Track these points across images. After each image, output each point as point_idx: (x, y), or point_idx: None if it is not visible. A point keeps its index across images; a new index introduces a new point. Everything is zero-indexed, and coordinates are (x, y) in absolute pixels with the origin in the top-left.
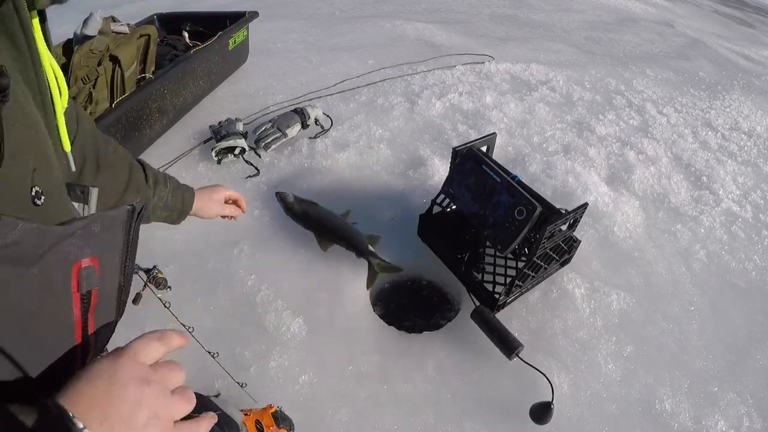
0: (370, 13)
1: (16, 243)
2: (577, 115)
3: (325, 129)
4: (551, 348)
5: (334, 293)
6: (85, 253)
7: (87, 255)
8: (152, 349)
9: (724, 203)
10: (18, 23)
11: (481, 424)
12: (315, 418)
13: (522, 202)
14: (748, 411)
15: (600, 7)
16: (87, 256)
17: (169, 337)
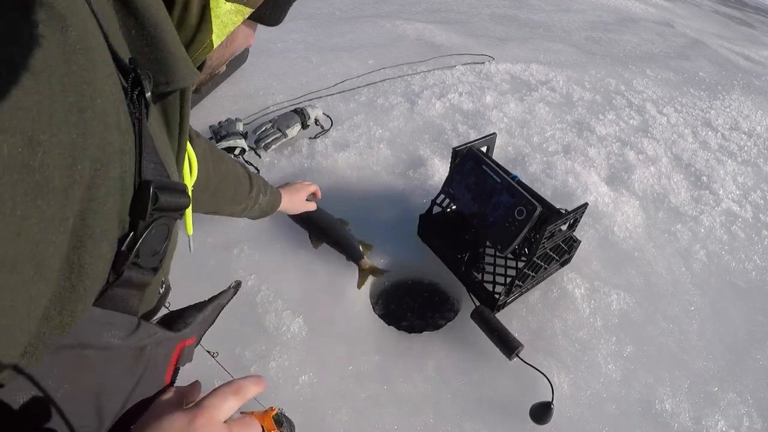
0: (370, 13)
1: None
2: (577, 115)
3: (325, 129)
4: (551, 348)
5: (334, 293)
6: (190, 335)
7: (192, 335)
8: (228, 405)
9: (724, 203)
10: (178, 114)
11: (481, 424)
12: (315, 418)
13: (522, 202)
14: (748, 411)
15: (600, 7)
16: (191, 336)
17: (245, 389)
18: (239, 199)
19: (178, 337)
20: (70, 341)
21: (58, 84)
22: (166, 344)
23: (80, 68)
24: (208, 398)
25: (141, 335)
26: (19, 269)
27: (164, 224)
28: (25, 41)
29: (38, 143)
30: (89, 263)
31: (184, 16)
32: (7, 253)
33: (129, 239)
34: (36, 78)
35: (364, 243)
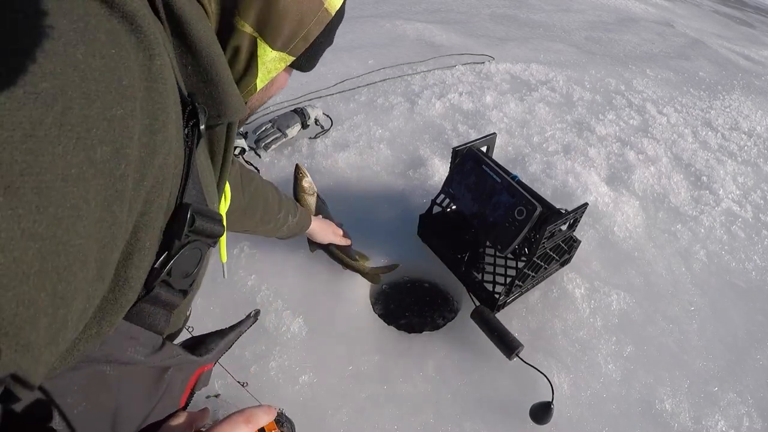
0: (370, 13)
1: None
2: (577, 115)
3: (325, 129)
4: (551, 348)
5: (334, 293)
6: (211, 360)
7: (209, 362)
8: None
9: (724, 203)
10: (223, 146)
11: (481, 424)
12: (315, 418)
13: (522, 202)
14: (748, 411)
15: (600, 7)
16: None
17: (256, 418)
18: (267, 219)
19: (199, 363)
20: (97, 354)
21: (139, 106)
22: (186, 369)
23: (158, 95)
24: (220, 426)
25: (164, 355)
26: (88, 266)
27: (198, 248)
28: (117, 64)
29: (123, 155)
30: (133, 277)
31: (233, 61)
32: (81, 250)
33: (163, 257)
34: (123, 97)
35: (361, 254)
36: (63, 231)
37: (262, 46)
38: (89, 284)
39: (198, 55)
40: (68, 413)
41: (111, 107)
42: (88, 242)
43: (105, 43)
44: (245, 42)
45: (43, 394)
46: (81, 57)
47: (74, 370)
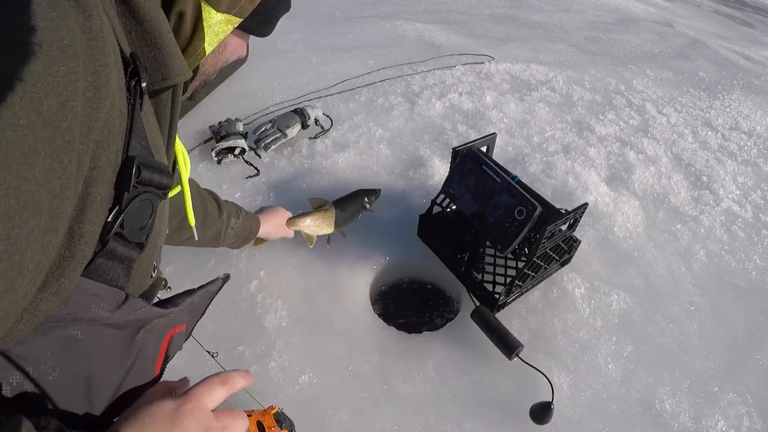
0: (370, 13)
1: (133, 321)
2: (577, 115)
3: (325, 129)
4: (551, 348)
5: (333, 293)
6: (179, 322)
7: (181, 323)
8: (215, 394)
9: (724, 203)
10: (169, 111)
11: (481, 424)
12: (315, 418)
13: (522, 202)
14: (748, 411)
15: (600, 7)
16: (180, 324)
17: (233, 381)
18: (209, 223)
19: (167, 323)
20: (61, 313)
21: (81, 63)
22: (157, 330)
23: (99, 52)
24: (196, 387)
25: (128, 309)
26: (41, 215)
27: (148, 200)
28: (58, 25)
29: (69, 108)
30: (88, 232)
31: (179, 26)
32: (33, 197)
33: (115, 211)
34: (65, 55)
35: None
36: (13, 176)
37: (206, 9)
38: (43, 234)
39: (141, 20)
40: (42, 380)
41: (55, 64)
42: (39, 190)
43: (45, 7)
44: (189, 6)
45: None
46: (24, 20)
47: (44, 335)
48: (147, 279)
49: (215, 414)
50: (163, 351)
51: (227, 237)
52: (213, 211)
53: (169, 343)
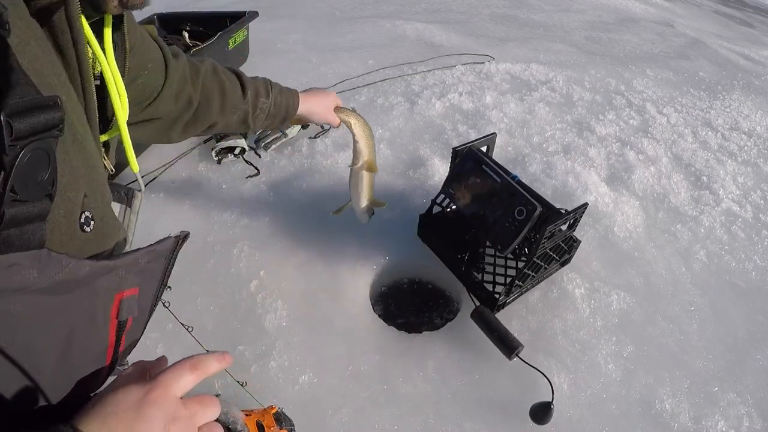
0: (370, 13)
1: (64, 281)
2: (577, 115)
3: (325, 129)
4: (551, 348)
5: (333, 293)
6: (128, 284)
7: (130, 286)
8: (184, 380)
9: (724, 203)
10: (69, 37)
11: (481, 424)
12: (315, 418)
13: (522, 202)
14: (748, 411)
15: (600, 7)
16: (130, 287)
17: (204, 366)
18: (230, 107)
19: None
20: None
21: None
22: (103, 294)
23: None
24: (164, 373)
25: (55, 267)
26: None
27: (39, 148)
28: None
29: None
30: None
31: None
32: None
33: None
34: None
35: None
36: None
37: None
38: None
39: None
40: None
41: None
42: None
43: None
44: None
45: None
46: None
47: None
48: (75, 228)
49: (183, 402)
50: (113, 316)
51: (257, 119)
52: (233, 93)
53: (118, 307)
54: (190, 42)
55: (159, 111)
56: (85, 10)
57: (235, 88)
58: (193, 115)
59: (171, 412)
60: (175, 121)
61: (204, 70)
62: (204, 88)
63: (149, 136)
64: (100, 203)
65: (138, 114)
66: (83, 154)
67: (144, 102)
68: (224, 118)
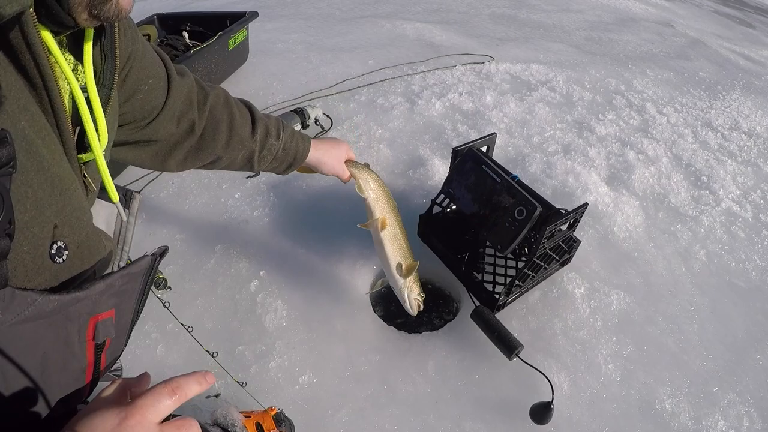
0: (370, 13)
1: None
2: (577, 115)
3: (325, 129)
4: (551, 348)
5: (334, 293)
6: (103, 307)
7: (105, 308)
8: (163, 405)
9: (724, 203)
10: (29, 56)
11: (481, 424)
12: (315, 418)
13: (522, 202)
14: (748, 411)
15: (600, 7)
16: (105, 310)
17: (184, 389)
18: (237, 142)
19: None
20: None
21: None
22: (76, 319)
23: None
24: (143, 397)
25: (20, 305)
26: None
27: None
28: None
29: None
30: None
31: None
32: None
33: None
34: None
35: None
36: None
37: None
38: None
39: None
40: None
41: None
42: None
43: None
44: None
45: None
46: None
47: None
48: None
49: (161, 427)
50: (89, 338)
51: (263, 160)
52: (242, 128)
53: (94, 330)
54: (190, 42)
55: (158, 133)
56: (49, 26)
57: (245, 123)
58: (196, 143)
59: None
60: (175, 148)
61: (214, 96)
62: (211, 116)
63: (145, 160)
64: (76, 228)
65: (135, 133)
66: (50, 183)
67: (142, 121)
68: (229, 153)
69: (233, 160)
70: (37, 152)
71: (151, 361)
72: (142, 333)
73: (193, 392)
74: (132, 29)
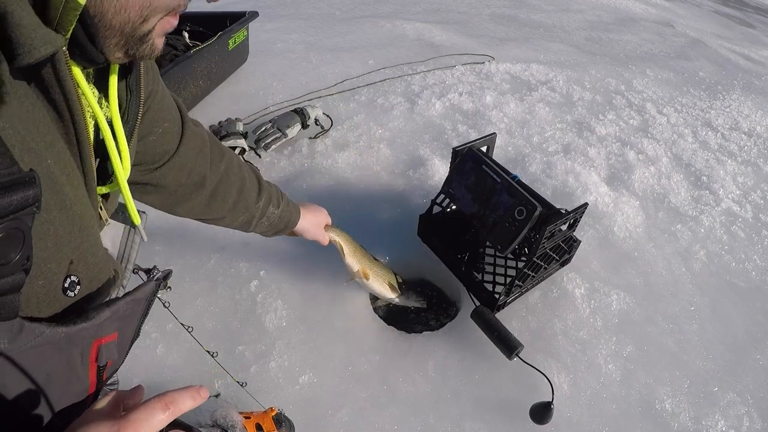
0: (370, 13)
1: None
2: (577, 115)
3: (325, 129)
4: (551, 348)
5: (334, 293)
6: (107, 331)
7: (109, 332)
8: (155, 420)
9: (724, 203)
10: (59, 91)
11: (481, 424)
12: (315, 418)
13: (522, 202)
14: (748, 411)
15: (600, 7)
16: (108, 334)
17: (178, 404)
18: (242, 207)
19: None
20: None
21: None
22: (80, 342)
23: None
24: (136, 412)
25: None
26: None
27: (14, 227)
28: None
29: None
30: None
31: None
32: None
33: None
34: None
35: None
36: None
37: None
38: None
39: None
40: None
41: None
42: None
43: None
44: None
45: None
46: None
47: None
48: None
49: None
50: (92, 361)
51: (260, 225)
52: (249, 195)
53: (97, 353)
54: (190, 42)
55: (167, 179)
56: (80, 63)
57: (253, 189)
58: (206, 200)
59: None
60: (184, 199)
61: (228, 158)
62: (226, 177)
63: (154, 202)
64: (91, 263)
65: (144, 175)
66: (71, 221)
67: (152, 164)
68: (233, 215)
69: (233, 222)
70: (61, 191)
71: (151, 361)
72: (142, 333)
73: (187, 407)
74: (154, 70)
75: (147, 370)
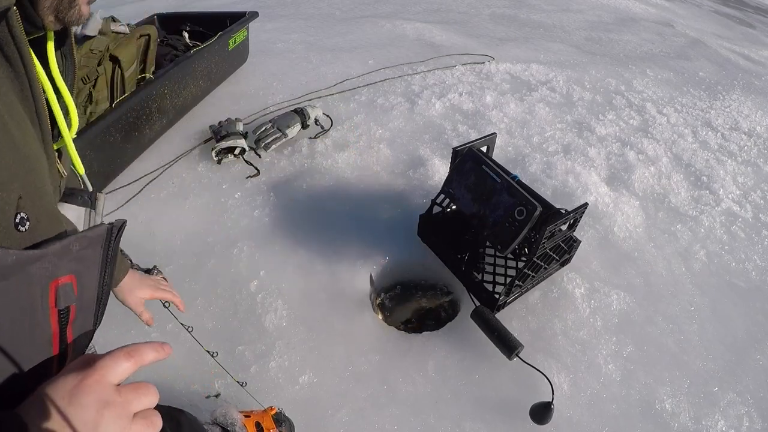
0: (370, 13)
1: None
2: (577, 115)
3: (325, 129)
4: (551, 348)
5: (333, 293)
6: (62, 272)
7: (64, 273)
8: (120, 368)
9: (724, 203)
10: (13, 47)
11: (481, 424)
12: (315, 418)
13: (522, 202)
14: (748, 411)
15: (600, 7)
16: (64, 274)
17: (140, 354)
18: None
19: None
20: None
21: None
22: (37, 282)
23: None
24: (101, 360)
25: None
26: None
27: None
28: None
29: None
30: None
31: None
32: None
33: None
34: None
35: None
36: None
37: None
38: None
39: None
40: None
41: None
42: None
43: None
44: None
45: None
46: None
47: None
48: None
49: (118, 389)
50: (52, 304)
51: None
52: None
53: (55, 296)
54: (190, 42)
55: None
56: (25, 26)
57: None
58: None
59: (104, 397)
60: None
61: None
62: None
63: None
64: (37, 204)
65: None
66: (19, 159)
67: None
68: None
69: None
70: (10, 132)
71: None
72: (143, 333)
73: (150, 358)
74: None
75: (147, 370)
